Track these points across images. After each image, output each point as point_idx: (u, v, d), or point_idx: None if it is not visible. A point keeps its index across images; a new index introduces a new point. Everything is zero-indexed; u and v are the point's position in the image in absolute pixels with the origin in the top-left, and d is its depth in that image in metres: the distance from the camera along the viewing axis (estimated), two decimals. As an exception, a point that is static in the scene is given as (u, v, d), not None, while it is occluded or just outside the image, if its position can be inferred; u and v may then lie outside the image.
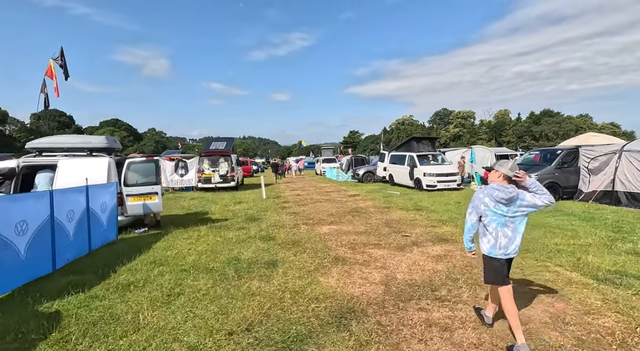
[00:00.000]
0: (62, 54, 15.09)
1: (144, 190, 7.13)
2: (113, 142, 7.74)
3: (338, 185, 19.31)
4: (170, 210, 10.56)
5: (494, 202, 2.79)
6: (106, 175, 6.71)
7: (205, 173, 15.89)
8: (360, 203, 11.64)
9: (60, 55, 15.02)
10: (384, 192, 14.57)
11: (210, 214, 9.67)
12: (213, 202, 12.22)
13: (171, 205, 11.65)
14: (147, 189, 7.16)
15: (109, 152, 7.60)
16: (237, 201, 12.50)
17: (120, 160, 7.42)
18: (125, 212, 7.05)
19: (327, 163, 29.99)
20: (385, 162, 18.60)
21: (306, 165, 50.91)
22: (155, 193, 7.21)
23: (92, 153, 7.14)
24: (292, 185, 20.35)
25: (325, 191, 16.03)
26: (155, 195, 7.23)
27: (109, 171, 6.75)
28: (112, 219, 6.40)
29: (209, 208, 10.81)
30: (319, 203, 11.80)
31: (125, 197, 7.01)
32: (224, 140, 17.56)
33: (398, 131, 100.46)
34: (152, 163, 7.36)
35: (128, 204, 7.03)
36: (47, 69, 14.93)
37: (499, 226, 2.82)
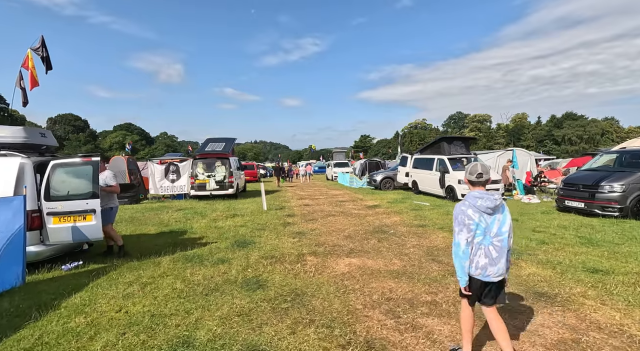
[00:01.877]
0: (43, 44, 13.12)
1: (75, 206, 4.84)
2: (38, 137, 5.53)
3: (352, 192, 16.86)
4: (144, 226, 8.32)
5: (479, 214, 2.38)
6: (14, 183, 4.48)
7: (199, 178, 13.69)
8: (384, 218, 9.17)
9: (41, 45, 13.09)
10: (409, 203, 12.06)
11: (190, 234, 7.37)
12: (201, 215, 9.94)
13: (148, 218, 9.42)
14: (80, 205, 4.87)
15: (34, 150, 5.40)
16: (231, 213, 10.20)
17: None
18: (46, 238, 4.79)
19: (339, 167, 27.59)
20: (408, 167, 16.08)
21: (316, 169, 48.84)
22: (91, 212, 4.90)
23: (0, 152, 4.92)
24: (299, 192, 18.00)
25: (338, 200, 13.61)
26: (92, 214, 4.91)
27: (19, 177, 4.52)
28: (11, 252, 4.12)
29: (192, 224, 8.52)
30: (331, 218, 9.39)
31: (45, 216, 4.75)
32: (222, 141, 15.35)
33: (411, 135, 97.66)
34: (88, 165, 5.04)
35: (50, 227, 4.76)
36: (24, 60, 13.04)
37: (483, 243, 2.39)
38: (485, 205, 2.36)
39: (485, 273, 2.37)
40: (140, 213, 10.28)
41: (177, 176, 14.28)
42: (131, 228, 7.94)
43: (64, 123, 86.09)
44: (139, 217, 9.72)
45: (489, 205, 2.36)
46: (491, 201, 2.36)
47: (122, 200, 12.56)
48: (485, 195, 2.39)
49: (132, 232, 7.63)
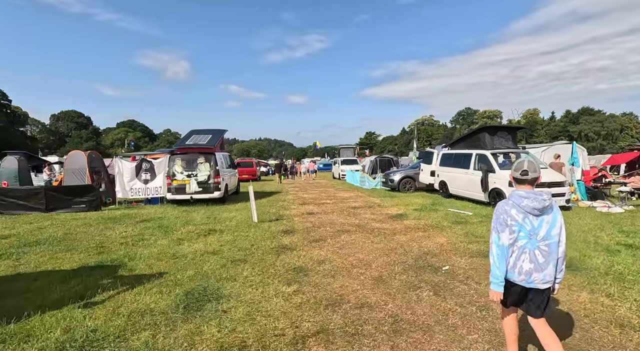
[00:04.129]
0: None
1: None
2: None
3: (366, 195, 14.05)
4: (66, 253, 5.59)
5: (523, 214, 2.18)
6: None
7: (177, 179, 10.97)
8: (422, 238, 6.38)
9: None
10: (444, 211, 9.25)
11: (125, 271, 4.62)
12: (165, 231, 7.22)
13: (87, 237, 6.69)
14: None
15: None
16: (208, 228, 7.46)
17: None
18: None
19: (347, 165, 24.79)
20: (434, 164, 13.24)
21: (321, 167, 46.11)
22: None
23: None
24: (302, 193, 15.22)
25: (350, 206, 10.82)
26: None
27: None
28: None
29: (142, 249, 5.77)
30: (346, 236, 6.62)
31: None
32: (208, 133, 12.61)
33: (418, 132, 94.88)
34: None
35: None
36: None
37: (528, 246, 2.18)
38: (532, 206, 2.14)
39: (529, 279, 2.18)
40: (84, 228, 7.58)
41: (151, 175, 11.58)
42: (38, 259, 5.23)
43: (67, 120, 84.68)
44: (78, 233, 7.02)
45: (536, 205, 2.14)
46: (539, 201, 2.14)
47: (78, 206, 9.91)
48: (532, 195, 2.16)
49: (36, 265, 4.90)
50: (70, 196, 9.92)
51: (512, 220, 2.18)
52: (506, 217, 2.19)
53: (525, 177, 2.20)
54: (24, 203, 9.59)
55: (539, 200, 2.14)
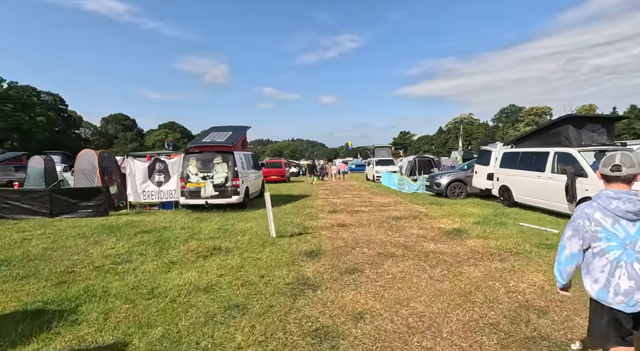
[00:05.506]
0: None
1: None
2: None
3: (406, 200, 12.00)
4: (23, 281, 4.29)
5: (613, 219, 1.77)
6: None
7: (191, 181, 9.68)
8: (505, 272, 4.39)
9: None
10: (515, 226, 7.08)
11: (62, 328, 3.14)
12: (161, 249, 5.80)
13: (63, 254, 5.40)
14: None
15: None
16: (214, 245, 5.94)
17: None
18: None
19: (382, 165, 22.66)
20: (492, 166, 10.93)
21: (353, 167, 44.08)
22: None
23: None
24: (333, 198, 13.46)
25: (391, 216, 8.89)
26: None
27: None
28: None
29: (115, 281, 4.32)
30: (391, 264, 4.78)
31: None
32: (228, 129, 11.29)
33: (456, 131, 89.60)
34: None
35: None
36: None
37: (621, 258, 1.76)
38: (624, 208, 1.74)
39: (631, 301, 1.73)
40: (73, 240, 6.38)
41: (165, 177, 10.43)
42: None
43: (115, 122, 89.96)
44: (60, 248, 5.79)
45: (630, 208, 1.73)
46: (633, 203, 1.74)
47: (84, 211, 8.93)
48: (625, 195, 1.77)
49: (-28, 301, 3.59)
50: (77, 199, 8.97)
51: (596, 225, 1.80)
52: (585, 223, 1.82)
53: (618, 173, 1.80)
54: (28, 207, 8.76)
55: (633, 201, 1.74)
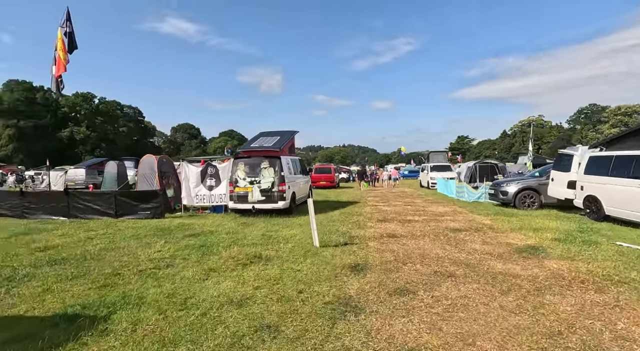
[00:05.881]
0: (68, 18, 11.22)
1: None
2: None
3: (467, 210, 10.79)
4: (71, 282, 4.42)
5: None
6: None
7: (239, 186, 9.76)
8: (605, 307, 3.41)
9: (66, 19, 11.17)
10: (610, 245, 5.74)
11: (91, 338, 3.04)
12: (203, 254, 5.72)
13: (115, 255, 5.58)
14: None
15: None
16: (254, 253, 5.71)
17: None
18: None
19: (438, 171, 21.15)
20: (574, 172, 9.31)
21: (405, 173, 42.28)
22: None
23: None
24: (383, 205, 12.68)
25: (448, 227, 7.95)
26: None
27: None
28: None
29: (153, 287, 4.24)
30: (450, 286, 4.05)
31: None
32: (276, 134, 11.28)
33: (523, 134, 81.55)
34: None
35: None
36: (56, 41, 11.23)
37: None
38: None
39: None
40: (127, 241, 6.65)
41: (215, 181, 10.70)
42: (33, 290, 4.09)
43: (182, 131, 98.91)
44: (114, 248, 6.03)
45: None
46: None
47: (143, 212, 9.47)
48: None
49: (17, 302, 3.72)
50: (137, 202, 9.56)
51: None
52: None
53: None
54: (97, 208, 9.55)
55: None
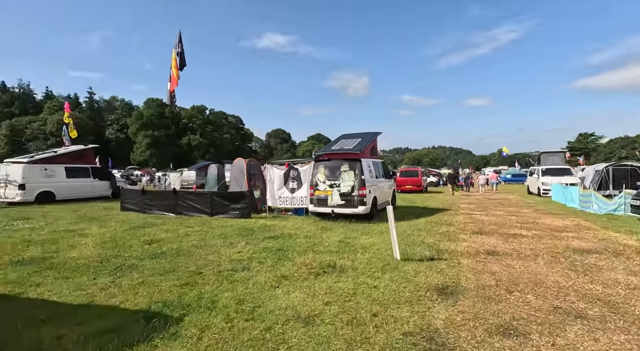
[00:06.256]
0: (179, 40, 12.93)
1: None
2: None
3: (596, 225, 8.52)
4: (160, 278, 4.78)
5: None
6: None
7: (319, 189, 9.66)
8: None
9: (178, 41, 12.89)
10: None
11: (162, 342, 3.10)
12: (279, 259, 5.65)
13: (202, 253, 5.92)
14: None
15: None
16: (329, 261, 5.40)
17: None
18: None
19: (552, 175, 17.71)
20: None
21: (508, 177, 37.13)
22: None
23: None
24: (479, 214, 11.02)
25: (573, 247, 6.28)
26: None
27: None
28: None
29: (227, 291, 4.26)
30: (579, 331, 3.00)
31: None
32: (358, 136, 10.88)
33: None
34: None
35: None
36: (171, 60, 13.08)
37: None
38: None
39: None
40: (215, 239, 7.07)
41: (297, 184, 10.86)
42: (131, 282, 4.53)
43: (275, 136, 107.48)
44: (203, 246, 6.46)
45: None
46: None
47: (233, 212, 10.18)
48: None
49: (117, 292, 4.14)
50: (228, 202, 10.32)
51: None
52: None
53: None
54: (197, 206, 10.65)
55: None
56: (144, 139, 65.02)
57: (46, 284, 4.35)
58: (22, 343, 2.84)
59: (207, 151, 72.42)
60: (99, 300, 3.85)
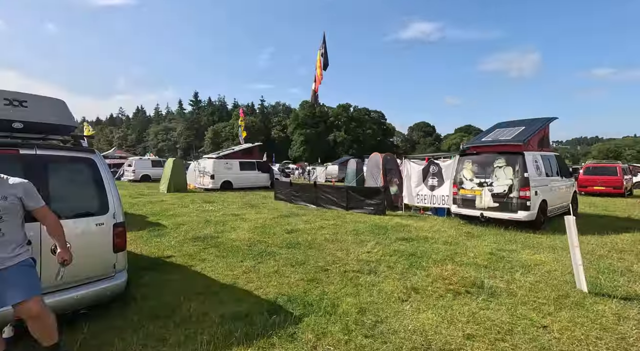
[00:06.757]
0: (324, 41, 13.68)
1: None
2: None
3: None
4: (292, 269, 4.94)
5: None
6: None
7: (465, 187, 8.24)
8: None
9: (323, 42, 13.67)
10: None
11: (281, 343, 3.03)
12: (410, 266, 4.99)
13: (332, 248, 5.88)
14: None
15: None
16: (473, 279, 4.37)
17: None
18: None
19: None
20: None
21: None
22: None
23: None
24: None
25: None
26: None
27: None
28: None
29: (346, 297, 3.98)
30: None
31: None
32: (519, 125, 8.72)
33: None
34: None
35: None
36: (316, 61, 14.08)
37: None
38: None
39: None
40: (348, 235, 6.99)
41: (438, 181, 9.67)
42: (268, 269, 4.84)
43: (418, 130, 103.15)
44: (335, 240, 6.46)
45: None
46: None
47: (368, 207, 10.03)
48: None
49: (256, 276, 4.48)
50: (363, 197, 10.22)
51: None
52: None
53: None
54: (334, 199, 11.04)
55: None
56: (299, 137, 74.22)
57: (209, 260, 5.22)
58: (179, 313, 3.36)
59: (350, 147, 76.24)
60: (240, 282, 4.28)
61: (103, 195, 3.20)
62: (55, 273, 2.43)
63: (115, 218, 3.21)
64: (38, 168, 2.85)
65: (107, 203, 3.20)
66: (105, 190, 3.22)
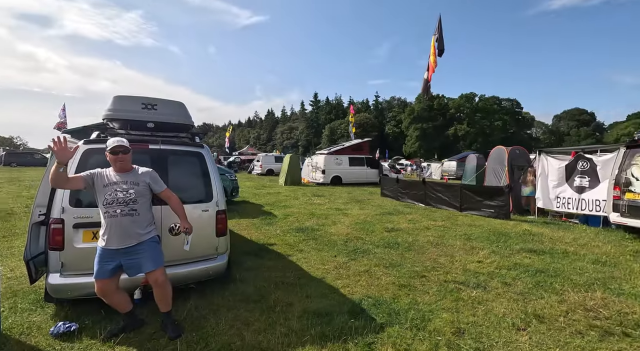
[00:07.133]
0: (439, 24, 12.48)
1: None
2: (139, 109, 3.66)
3: None
4: (387, 270, 4.57)
5: None
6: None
7: (634, 191, 6.08)
8: None
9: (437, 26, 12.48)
10: None
11: (369, 339, 2.76)
12: (545, 285, 3.95)
13: (434, 252, 5.17)
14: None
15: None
16: (637, 315, 3.13)
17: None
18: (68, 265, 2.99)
19: None
20: None
21: None
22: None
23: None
24: None
25: None
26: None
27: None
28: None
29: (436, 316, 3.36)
30: None
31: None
32: None
33: None
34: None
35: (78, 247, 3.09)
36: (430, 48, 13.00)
37: None
38: None
39: None
40: (456, 239, 6.10)
41: (590, 181, 7.49)
42: (358, 268, 4.62)
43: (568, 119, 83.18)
44: (440, 244, 5.72)
45: None
46: None
47: (487, 209, 8.65)
48: None
49: (345, 275, 4.33)
50: (481, 198, 8.85)
51: None
52: None
53: None
54: (445, 199, 9.95)
55: None
56: (414, 132, 70.73)
57: (305, 251, 5.39)
58: (267, 300, 3.53)
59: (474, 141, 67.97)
60: (329, 278, 4.23)
61: (209, 185, 3.62)
62: (183, 243, 2.92)
63: (218, 206, 3.59)
64: (162, 160, 3.43)
65: (212, 192, 3.61)
66: (211, 180, 3.63)
